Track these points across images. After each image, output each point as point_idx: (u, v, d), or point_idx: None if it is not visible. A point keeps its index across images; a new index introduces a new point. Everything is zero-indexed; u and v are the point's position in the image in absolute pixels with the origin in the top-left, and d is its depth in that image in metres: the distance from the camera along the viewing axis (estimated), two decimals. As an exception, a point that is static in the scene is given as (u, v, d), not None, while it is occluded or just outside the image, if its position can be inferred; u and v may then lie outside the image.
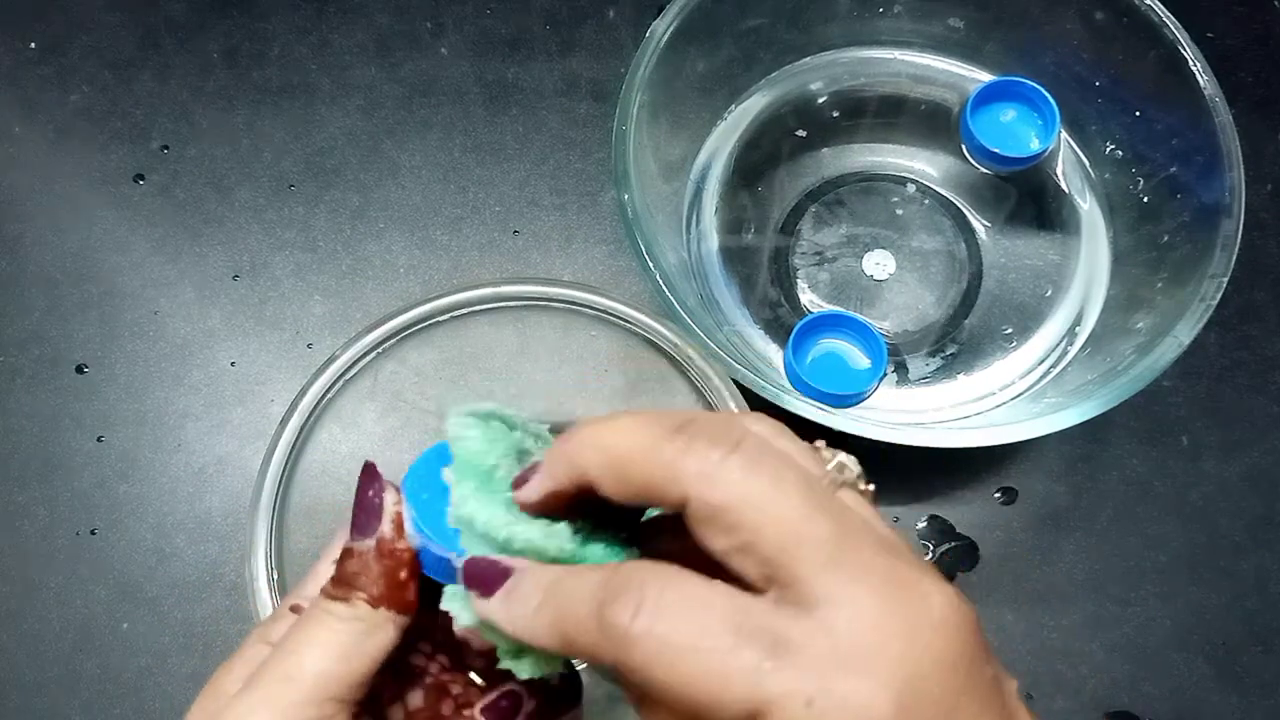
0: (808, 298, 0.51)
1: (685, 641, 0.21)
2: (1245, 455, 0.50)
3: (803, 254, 0.51)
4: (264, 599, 0.36)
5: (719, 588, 0.22)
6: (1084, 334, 0.49)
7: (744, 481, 0.22)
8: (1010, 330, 0.50)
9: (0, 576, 0.49)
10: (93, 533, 0.49)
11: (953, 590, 0.23)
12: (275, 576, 0.36)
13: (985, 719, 0.22)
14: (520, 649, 0.26)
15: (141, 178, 0.55)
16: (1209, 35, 0.54)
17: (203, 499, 0.50)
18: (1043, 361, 0.49)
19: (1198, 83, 0.46)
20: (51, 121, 0.56)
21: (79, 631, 0.48)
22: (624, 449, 0.23)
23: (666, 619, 0.21)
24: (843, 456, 0.25)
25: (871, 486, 0.25)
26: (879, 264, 0.51)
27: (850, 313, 0.49)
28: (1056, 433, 0.41)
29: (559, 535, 0.25)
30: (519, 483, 0.26)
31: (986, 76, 0.54)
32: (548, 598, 0.24)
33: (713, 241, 0.51)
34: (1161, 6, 0.47)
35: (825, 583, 0.21)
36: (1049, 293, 0.50)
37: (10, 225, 0.54)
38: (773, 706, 0.21)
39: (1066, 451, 0.50)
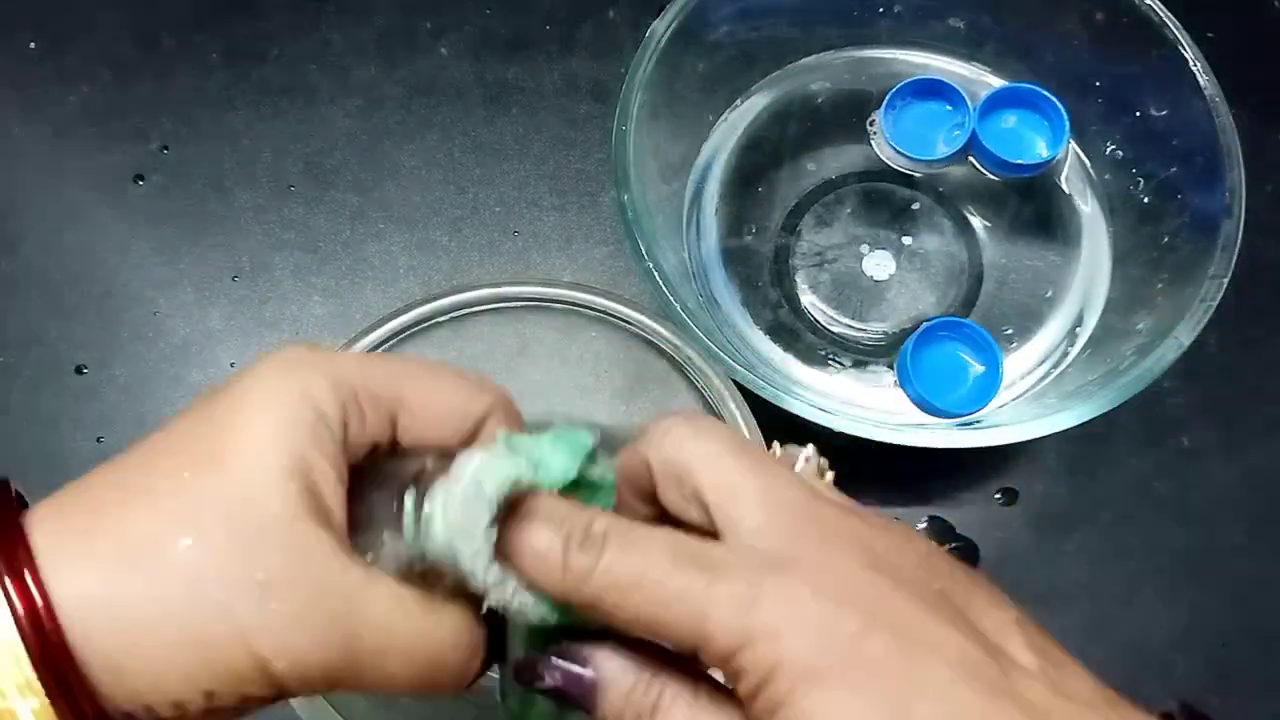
0: (808, 298, 0.51)
1: (632, 578, 0.23)
2: (1245, 456, 0.50)
3: (803, 254, 0.51)
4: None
5: (660, 531, 0.24)
6: (1084, 335, 0.49)
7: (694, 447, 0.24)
8: (1011, 331, 0.50)
9: (0, 577, 0.49)
10: (93, 533, 0.49)
11: (895, 527, 0.24)
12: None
13: (928, 614, 0.22)
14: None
15: (141, 178, 0.55)
16: (1209, 35, 0.54)
17: (203, 499, 0.50)
18: (1043, 362, 0.49)
19: (1198, 83, 0.46)
20: (51, 121, 0.56)
21: (79, 632, 0.48)
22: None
23: (619, 561, 0.23)
24: (792, 447, 0.28)
25: (829, 467, 0.28)
26: (879, 264, 0.51)
27: (970, 320, 0.49)
28: (1057, 434, 0.41)
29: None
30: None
31: (987, 76, 0.54)
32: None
33: (713, 242, 0.51)
34: (1161, 6, 0.47)
35: (755, 521, 0.23)
36: (1049, 294, 0.50)
37: (10, 225, 0.54)
38: (711, 618, 0.22)
39: (1067, 452, 0.50)
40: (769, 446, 0.27)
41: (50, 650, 0.21)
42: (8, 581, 0.22)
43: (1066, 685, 0.24)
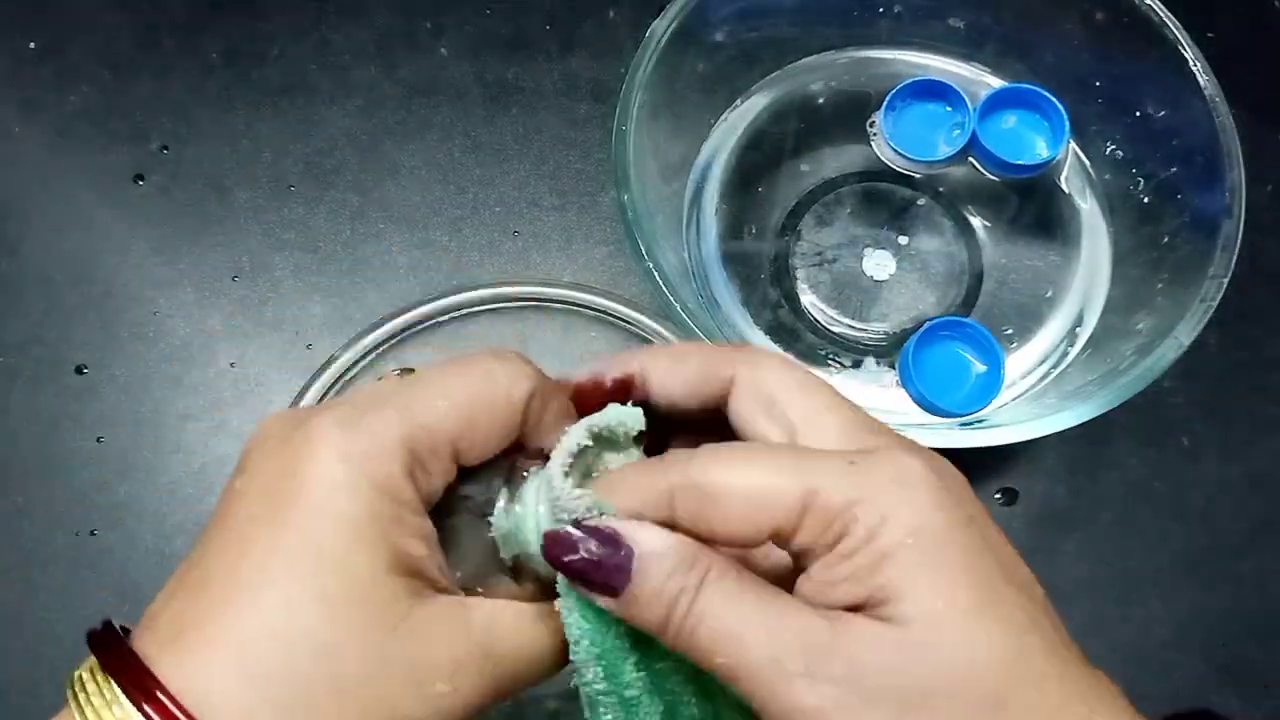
0: (808, 298, 0.51)
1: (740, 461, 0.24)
2: (1245, 456, 0.50)
3: (803, 254, 0.51)
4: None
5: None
6: (1084, 335, 0.49)
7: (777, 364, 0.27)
8: (1011, 331, 0.50)
9: (0, 577, 0.49)
10: (92, 534, 0.49)
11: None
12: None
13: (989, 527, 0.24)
14: None
15: (141, 178, 0.55)
16: (1209, 35, 0.54)
17: (203, 500, 0.50)
18: (1043, 362, 0.49)
19: (1198, 83, 0.46)
20: (51, 121, 0.56)
21: (79, 632, 0.47)
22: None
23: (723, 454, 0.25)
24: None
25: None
26: (879, 264, 0.51)
27: (971, 319, 0.49)
28: (1057, 434, 0.41)
29: None
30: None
31: (987, 76, 0.54)
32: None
33: (713, 242, 0.51)
34: (1161, 6, 0.47)
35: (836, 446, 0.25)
36: (1049, 293, 0.50)
37: (10, 225, 0.54)
38: (820, 479, 0.23)
39: (1067, 452, 0.50)
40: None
41: None
42: None
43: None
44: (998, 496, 0.50)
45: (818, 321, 0.50)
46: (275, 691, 0.22)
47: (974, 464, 0.50)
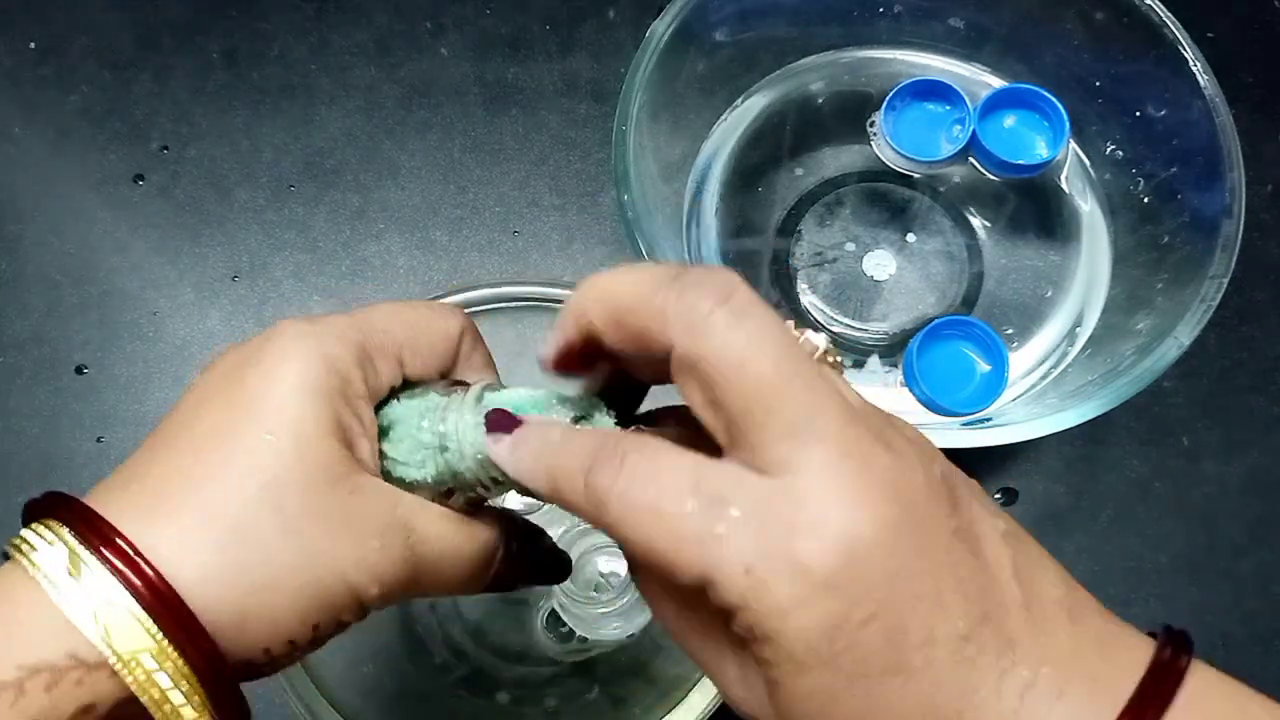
0: (808, 299, 0.51)
1: (648, 504, 0.23)
2: (1245, 456, 0.50)
3: (803, 254, 0.51)
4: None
5: (687, 456, 0.23)
6: (1084, 335, 0.49)
7: (724, 335, 0.22)
8: (1011, 331, 0.50)
9: (0, 577, 0.48)
10: (93, 533, 0.49)
11: (910, 450, 0.24)
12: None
13: (939, 575, 0.23)
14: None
15: (141, 178, 0.55)
16: (1209, 35, 0.54)
17: (203, 499, 0.50)
18: (1043, 362, 0.49)
19: (1198, 83, 0.46)
20: (51, 121, 0.56)
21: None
22: (623, 297, 0.24)
23: (636, 483, 0.23)
24: (811, 334, 0.27)
25: (842, 359, 0.26)
26: (879, 264, 0.51)
27: (976, 318, 0.49)
28: (1057, 433, 0.41)
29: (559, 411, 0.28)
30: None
31: (987, 76, 0.54)
32: (546, 449, 0.26)
33: (713, 242, 0.51)
34: (1161, 6, 0.47)
35: (783, 450, 0.22)
36: (1049, 293, 0.50)
37: (10, 226, 0.54)
38: (716, 573, 0.22)
39: (1067, 452, 0.50)
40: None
41: (178, 616, 0.23)
42: (118, 563, 0.23)
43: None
44: (998, 496, 0.50)
45: (818, 321, 0.50)
46: (221, 525, 0.24)
47: (974, 464, 0.50)
